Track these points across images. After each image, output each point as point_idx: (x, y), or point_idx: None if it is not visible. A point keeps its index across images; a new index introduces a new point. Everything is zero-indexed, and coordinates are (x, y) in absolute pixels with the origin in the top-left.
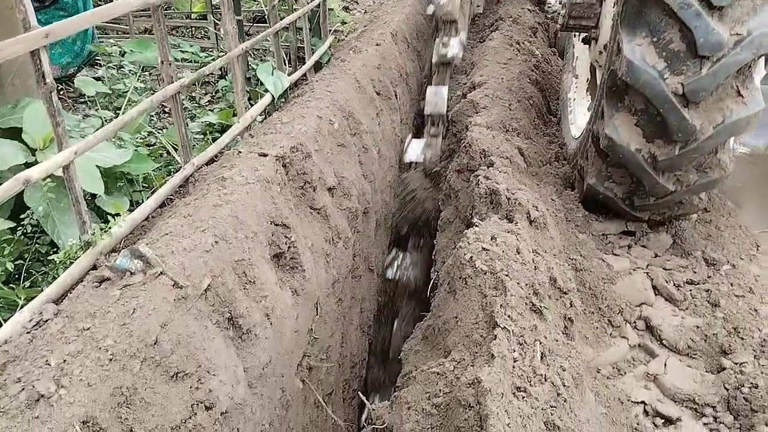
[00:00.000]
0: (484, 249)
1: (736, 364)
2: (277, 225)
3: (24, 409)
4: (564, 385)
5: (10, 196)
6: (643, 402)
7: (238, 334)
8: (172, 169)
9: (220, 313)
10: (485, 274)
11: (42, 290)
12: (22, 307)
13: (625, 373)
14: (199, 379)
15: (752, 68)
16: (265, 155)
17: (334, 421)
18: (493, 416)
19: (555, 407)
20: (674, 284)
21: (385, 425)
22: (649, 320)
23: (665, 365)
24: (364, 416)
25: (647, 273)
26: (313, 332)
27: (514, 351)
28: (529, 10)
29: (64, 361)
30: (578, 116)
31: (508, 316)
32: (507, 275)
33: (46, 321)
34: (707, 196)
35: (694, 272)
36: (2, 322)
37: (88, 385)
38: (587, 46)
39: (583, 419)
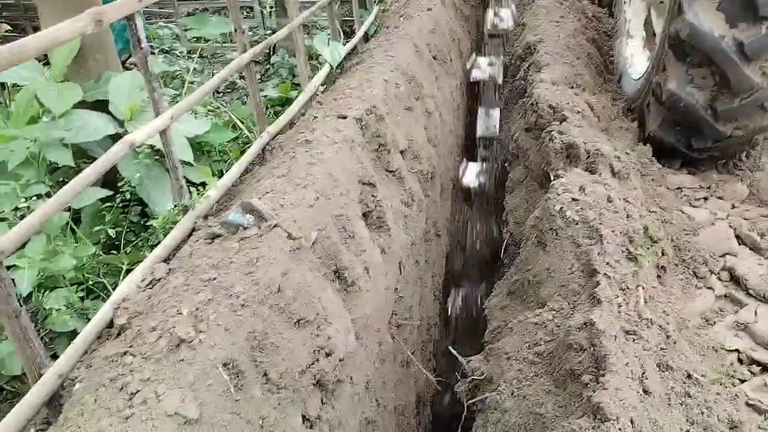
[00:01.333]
0: (573, 199)
1: None
2: (364, 184)
3: (167, 354)
4: (671, 329)
5: (119, 160)
6: (737, 350)
7: (344, 286)
8: (241, 142)
9: (327, 266)
10: (577, 224)
11: (144, 255)
12: (127, 272)
13: (715, 323)
14: (318, 327)
15: None
16: (344, 117)
17: (416, 381)
18: (612, 355)
19: (666, 349)
20: (757, 233)
21: (484, 376)
22: (734, 270)
23: (755, 314)
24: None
25: (729, 223)
26: (398, 291)
27: (617, 296)
28: None
29: (197, 309)
30: (638, 68)
31: (607, 263)
32: (601, 223)
33: (159, 279)
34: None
35: None
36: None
37: (225, 329)
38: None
39: (694, 362)
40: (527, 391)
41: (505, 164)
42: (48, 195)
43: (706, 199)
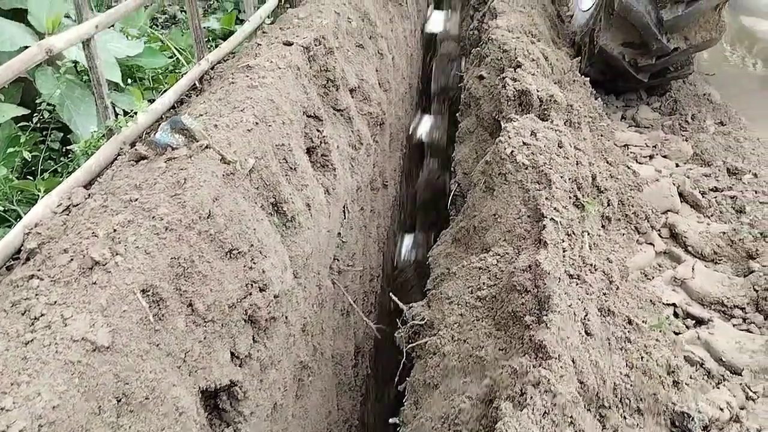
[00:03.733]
0: (525, 144)
1: (764, 266)
2: (309, 116)
3: (78, 277)
4: (614, 276)
5: (32, 65)
6: (673, 304)
7: (282, 220)
8: (178, 72)
9: (265, 197)
10: (527, 168)
11: (64, 180)
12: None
13: (653, 277)
14: (253, 259)
15: None
16: (290, 44)
17: (356, 331)
18: (555, 296)
19: (608, 295)
20: (699, 191)
21: (425, 321)
22: (675, 227)
23: (693, 270)
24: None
25: (672, 181)
26: (342, 236)
27: (563, 241)
28: None
29: (114, 230)
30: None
31: (554, 209)
32: (551, 168)
33: (77, 205)
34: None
35: (717, 180)
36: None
37: (145, 253)
38: None
39: (635, 307)
40: (468, 335)
41: (456, 114)
42: None
43: (651, 157)
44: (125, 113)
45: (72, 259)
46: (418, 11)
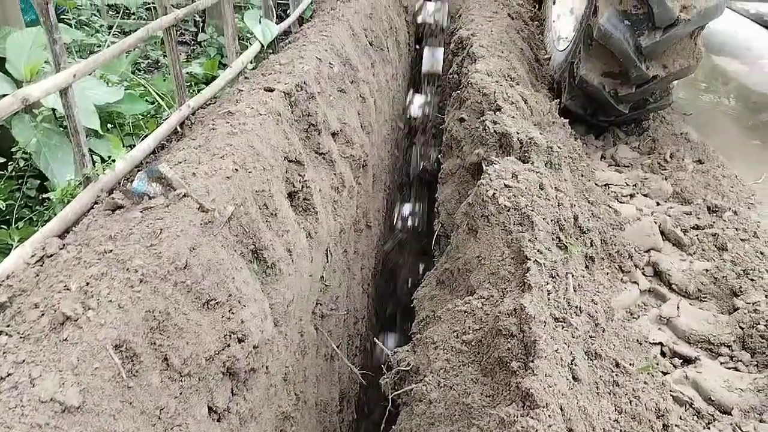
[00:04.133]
0: (506, 186)
1: (749, 303)
2: (291, 161)
3: (48, 333)
4: (600, 318)
5: (7, 114)
6: (660, 343)
7: (262, 268)
8: (160, 118)
9: (244, 245)
10: (509, 210)
11: (38, 230)
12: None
13: (639, 316)
14: (231, 309)
15: None
16: (271, 90)
17: (341, 376)
18: (542, 341)
19: (594, 337)
20: (681, 229)
21: (410, 367)
22: (658, 265)
23: (678, 308)
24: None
25: (654, 219)
26: (324, 280)
27: (548, 283)
28: None
29: (87, 283)
30: (563, 45)
31: (538, 250)
32: (533, 210)
33: (51, 255)
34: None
35: (698, 218)
36: None
37: (118, 306)
38: None
39: (621, 349)
40: (454, 380)
41: (439, 156)
42: None
43: (632, 195)
44: (104, 160)
45: (43, 314)
46: (400, 55)
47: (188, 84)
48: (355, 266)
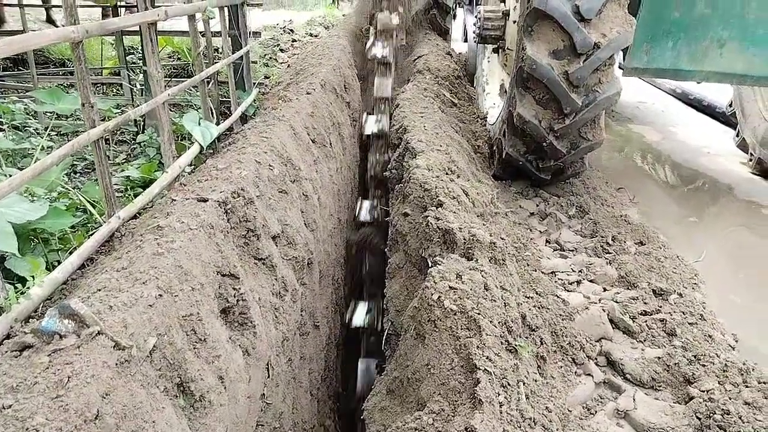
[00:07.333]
0: (451, 288)
1: (703, 392)
2: (224, 275)
3: None
4: (554, 428)
5: None
6: None
7: (189, 402)
8: (91, 228)
9: (168, 378)
10: (456, 314)
11: None
12: None
13: (596, 412)
14: None
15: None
16: (204, 200)
17: None
18: None
19: None
20: (629, 316)
21: None
22: (610, 355)
23: (634, 400)
24: None
25: (602, 306)
26: (266, 397)
27: (499, 394)
28: (437, 44)
29: None
30: (494, 114)
31: (487, 357)
32: (479, 313)
33: None
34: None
35: (645, 303)
36: None
37: None
38: (496, 55)
39: None
40: None
41: (386, 250)
42: None
43: (579, 282)
44: (24, 281)
45: None
46: (344, 148)
47: (125, 188)
48: (301, 373)
